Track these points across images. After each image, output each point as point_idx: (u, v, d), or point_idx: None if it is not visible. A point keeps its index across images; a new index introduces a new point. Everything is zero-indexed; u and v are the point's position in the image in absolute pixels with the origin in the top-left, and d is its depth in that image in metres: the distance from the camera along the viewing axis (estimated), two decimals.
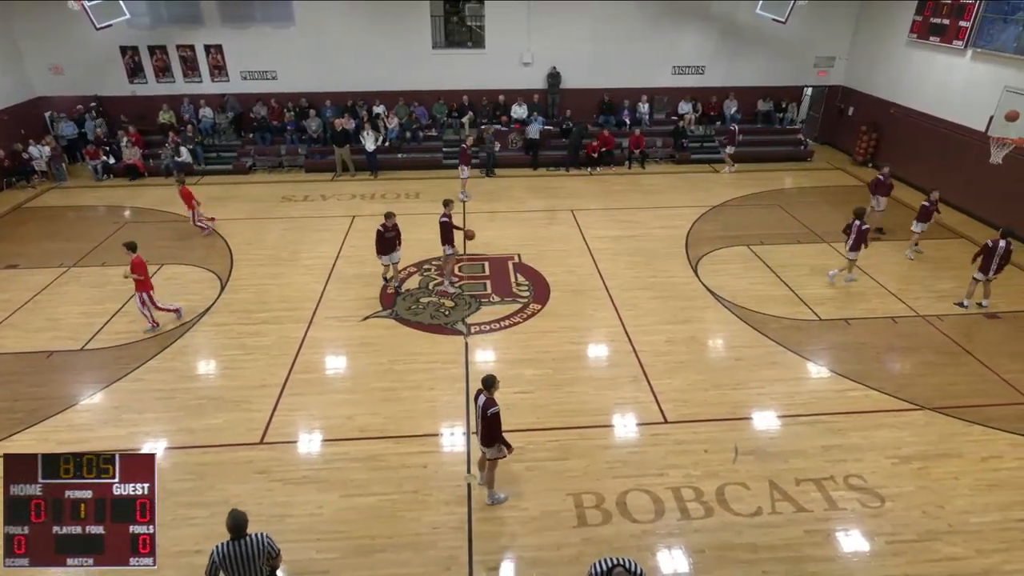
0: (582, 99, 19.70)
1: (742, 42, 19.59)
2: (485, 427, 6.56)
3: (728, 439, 7.97)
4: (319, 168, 18.54)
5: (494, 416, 6.49)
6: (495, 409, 6.49)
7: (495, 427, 6.56)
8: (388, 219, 11.29)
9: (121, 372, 9.35)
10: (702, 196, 16.65)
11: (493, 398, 6.54)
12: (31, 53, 18.11)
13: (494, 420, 6.51)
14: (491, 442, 6.65)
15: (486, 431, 6.58)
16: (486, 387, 6.55)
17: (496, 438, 6.63)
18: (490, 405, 6.48)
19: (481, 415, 6.53)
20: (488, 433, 6.59)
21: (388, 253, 11.45)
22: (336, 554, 6.37)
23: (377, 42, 18.68)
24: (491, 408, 6.48)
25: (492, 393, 6.55)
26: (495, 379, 6.59)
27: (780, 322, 10.67)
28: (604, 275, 12.29)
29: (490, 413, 6.46)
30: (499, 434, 6.63)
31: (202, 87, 19.13)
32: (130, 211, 15.77)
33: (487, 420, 6.49)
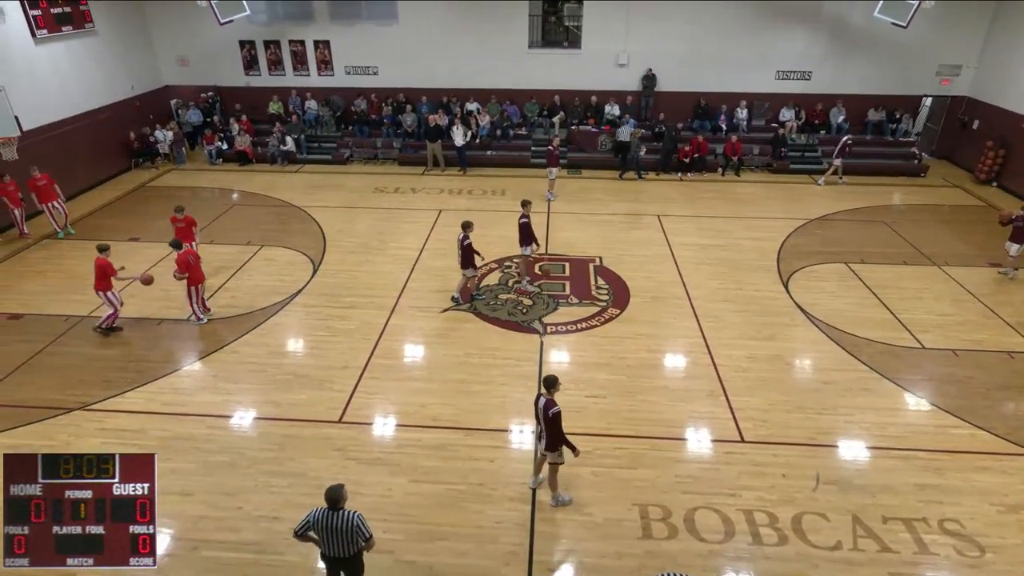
0: (677, 102, 19.21)
1: (855, 46, 18.43)
2: (549, 429, 6.53)
3: (809, 466, 7.55)
4: (411, 162, 19.13)
5: (556, 416, 6.43)
6: (556, 409, 6.44)
7: (558, 427, 6.51)
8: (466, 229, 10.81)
9: (220, 343, 10.06)
10: (799, 208, 15.82)
11: (553, 399, 6.49)
12: (162, 45, 19.80)
13: (556, 420, 6.45)
14: (555, 445, 6.60)
15: (550, 433, 6.54)
16: (547, 387, 6.50)
17: (559, 439, 6.58)
18: (551, 406, 6.44)
19: (543, 416, 6.50)
20: (552, 435, 6.55)
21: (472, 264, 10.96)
22: (401, 536, 6.57)
23: (474, 40, 19.02)
24: (552, 408, 6.42)
25: (552, 394, 6.50)
26: (556, 380, 6.53)
27: (876, 347, 9.98)
28: (687, 284, 11.95)
29: (552, 413, 6.41)
30: (562, 435, 6.57)
31: (309, 80, 20.21)
32: (238, 194, 16.92)
33: (549, 421, 6.45)
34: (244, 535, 6.64)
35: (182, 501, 7.07)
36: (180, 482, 7.32)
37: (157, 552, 6.36)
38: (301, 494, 7.09)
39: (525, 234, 11.41)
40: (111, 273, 9.95)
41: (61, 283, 11.99)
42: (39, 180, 13.51)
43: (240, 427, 8.32)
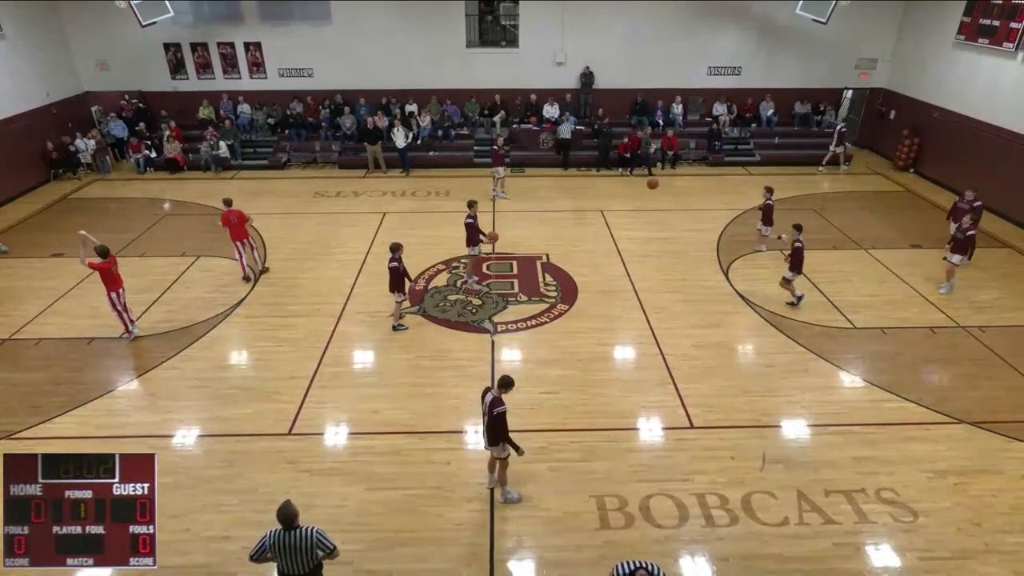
0: (615, 99, 19.57)
1: (780, 43, 19.23)
2: (490, 426, 6.54)
3: (756, 447, 7.84)
4: (352, 165, 18.79)
5: (500, 415, 6.46)
6: (502, 408, 6.46)
7: (501, 426, 6.52)
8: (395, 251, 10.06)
9: (158, 360, 9.62)
10: (735, 199, 16.39)
11: (501, 397, 6.50)
12: (79, 49, 18.73)
13: (500, 419, 6.47)
14: (496, 441, 6.63)
15: (491, 430, 6.57)
16: (501, 386, 6.51)
17: (501, 437, 6.60)
18: (497, 404, 6.45)
19: (487, 413, 6.51)
20: (493, 432, 6.57)
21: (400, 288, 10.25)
22: (360, 546, 6.45)
23: (411, 41, 18.84)
24: (498, 407, 6.44)
25: (502, 393, 6.51)
26: (512, 383, 6.56)
27: (812, 329, 10.45)
28: (633, 277, 12.19)
29: (496, 412, 6.43)
30: (505, 434, 6.59)
31: (241, 83, 19.54)
32: (169, 203, 16.20)
33: (493, 419, 6.47)
34: (193, 558, 6.38)
35: None
36: None
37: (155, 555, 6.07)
38: (253, 511, 6.86)
39: (471, 234, 11.39)
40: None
41: None
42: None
43: (183, 446, 7.97)
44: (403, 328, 10.37)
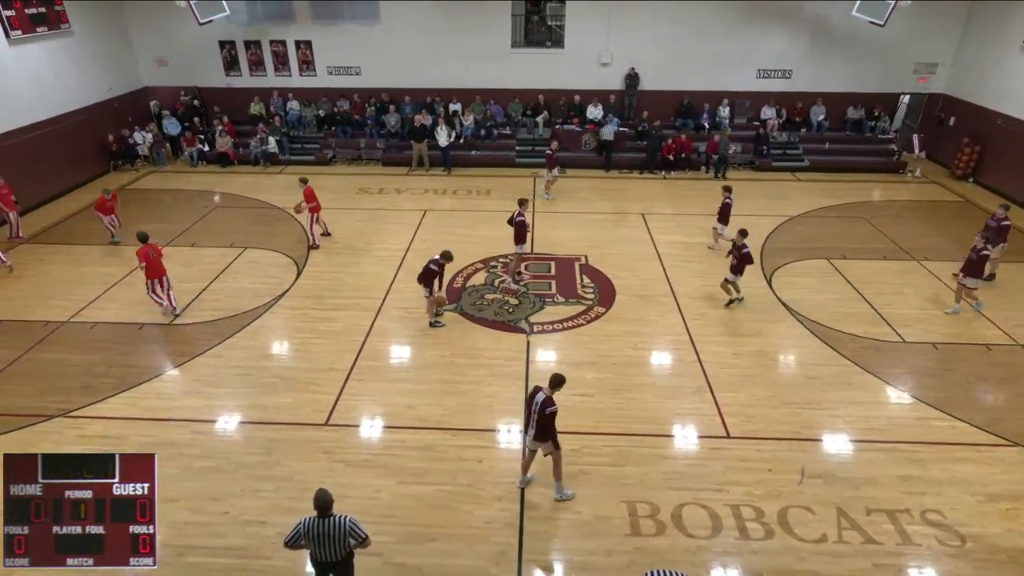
0: (660, 101, 19.33)
1: (834, 45, 18.66)
2: (540, 425, 6.56)
3: (794, 460, 7.64)
4: (395, 162, 19.04)
5: (551, 415, 6.49)
6: (554, 408, 6.49)
7: (550, 426, 6.56)
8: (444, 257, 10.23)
9: (204, 347, 9.94)
10: (781, 205, 15.99)
11: (553, 397, 6.53)
12: (140, 46, 19.50)
13: (550, 419, 6.51)
14: (545, 438, 6.66)
15: (540, 429, 6.59)
16: (552, 385, 6.54)
17: (548, 436, 6.63)
18: (549, 404, 6.48)
19: (538, 411, 6.52)
20: (542, 430, 6.60)
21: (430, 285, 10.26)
22: (390, 538, 6.53)
23: (457, 40, 18.98)
24: (550, 407, 6.47)
25: (553, 392, 6.54)
26: (564, 381, 6.58)
27: (859, 341, 10.11)
28: (672, 281, 12.02)
29: (548, 411, 6.46)
30: (552, 433, 6.62)
31: (291, 81, 20.03)
32: (219, 196, 16.72)
33: (544, 417, 6.49)
34: (230, 540, 6.57)
35: (166, 507, 6.94)
36: (164, 488, 7.12)
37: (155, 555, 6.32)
38: (288, 498, 7.02)
39: (520, 232, 11.37)
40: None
41: (39, 288, 11.77)
42: (4, 188, 13.47)
43: (225, 431, 8.22)
44: (440, 325, 10.45)
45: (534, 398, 6.64)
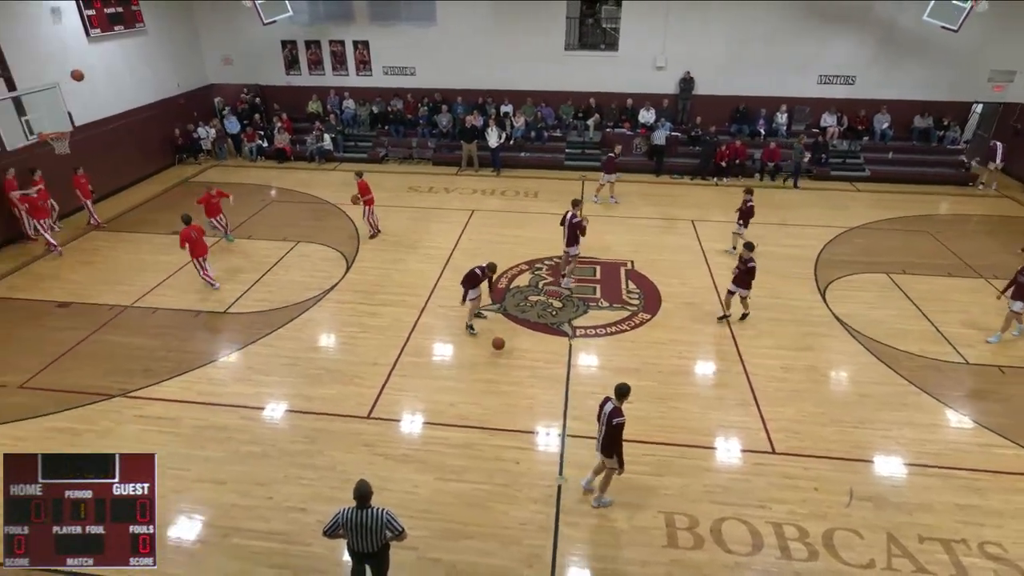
0: (715, 106, 18.94)
1: (902, 51, 17.89)
2: (608, 435, 6.47)
3: (843, 480, 7.36)
4: (446, 162, 19.27)
5: (619, 426, 6.38)
6: (621, 419, 6.38)
7: (617, 437, 6.44)
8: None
9: (255, 336, 10.28)
10: (839, 216, 15.44)
11: (621, 408, 6.43)
12: (208, 45, 20.35)
13: (618, 430, 6.39)
14: (612, 452, 6.54)
15: (608, 440, 6.49)
16: (618, 395, 6.47)
17: (615, 449, 6.51)
18: (617, 414, 6.38)
19: (606, 422, 6.45)
20: (609, 442, 6.49)
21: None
22: (426, 533, 6.61)
23: (511, 42, 19.06)
24: (617, 417, 6.37)
25: (622, 403, 6.46)
26: (628, 389, 6.51)
27: (917, 360, 9.67)
28: (720, 290, 11.75)
29: (615, 423, 6.36)
30: (619, 446, 6.50)
31: (347, 80, 20.52)
32: (275, 191, 17.26)
33: (611, 428, 6.40)
34: (273, 525, 6.78)
35: (215, 489, 7.25)
36: (213, 470, 7.51)
37: (187, 539, 6.58)
38: (329, 487, 7.20)
39: (573, 233, 11.33)
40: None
41: (106, 274, 12.42)
42: (82, 178, 14.24)
43: (272, 419, 8.48)
44: (473, 333, 10.28)
45: (603, 408, 6.56)
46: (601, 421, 6.56)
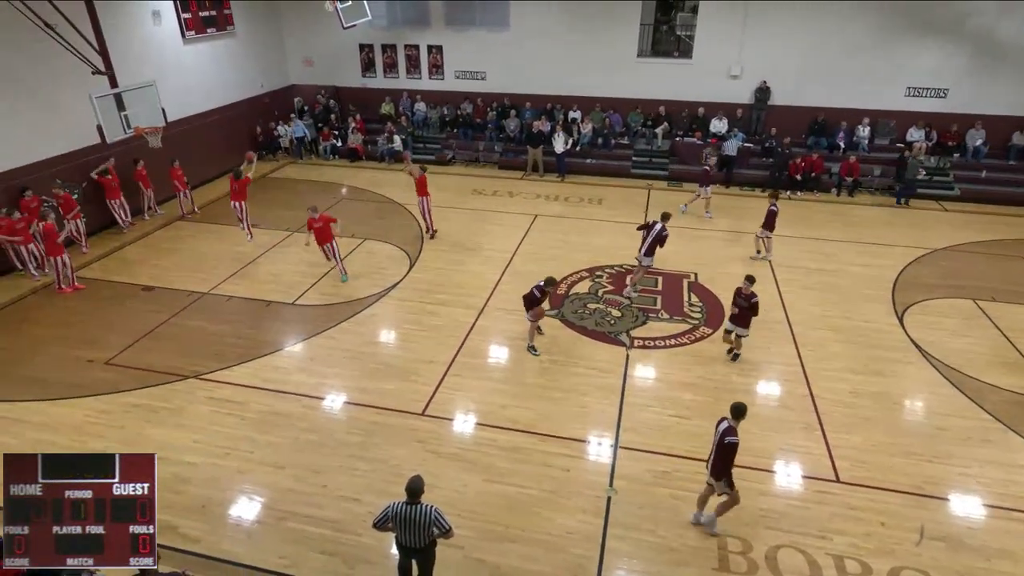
0: (791, 117, 18.25)
1: (1000, 62, 16.70)
2: (719, 456, 6.31)
3: (913, 516, 6.92)
4: (511, 166, 19.40)
5: (731, 446, 6.20)
6: (735, 439, 6.19)
7: (729, 458, 6.28)
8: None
9: (319, 328, 10.65)
10: (922, 236, 14.57)
11: (736, 428, 6.25)
12: (291, 47, 21.31)
13: (730, 450, 6.22)
14: (721, 474, 6.37)
15: (719, 460, 6.33)
16: (734, 414, 6.29)
17: (725, 471, 6.34)
18: (730, 433, 6.20)
19: (718, 442, 6.30)
20: (720, 463, 6.33)
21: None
22: (472, 533, 6.65)
23: (583, 48, 19.00)
24: (730, 437, 6.19)
25: (738, 423, 6.28)
26: (746, 409, 6.32)
27: (1004, 394, 8.99)
28: (787, 308, 11.32)
29: (728, 441, 6.19)
30: (729, 467, 6.32)
31: (420, 83, 21.01)
32: (347, 189, 17.84)
33: (723, 448, 6.24)
34: (326, 512, 6.98)
35: (275, 473, 7.54)
36: (274, 455, 7.81)
37: (247, 519, 6.87)
38: (381, 480, 7.36)
39: (655, 245, 11.26)
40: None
41: (187, 261, 13.17)
42: (177, 170, 15.25)
43: (331, 409, 8.76)
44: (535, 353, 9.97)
45: (717, 427, 6.41)
46: (714, 441, 6.37)
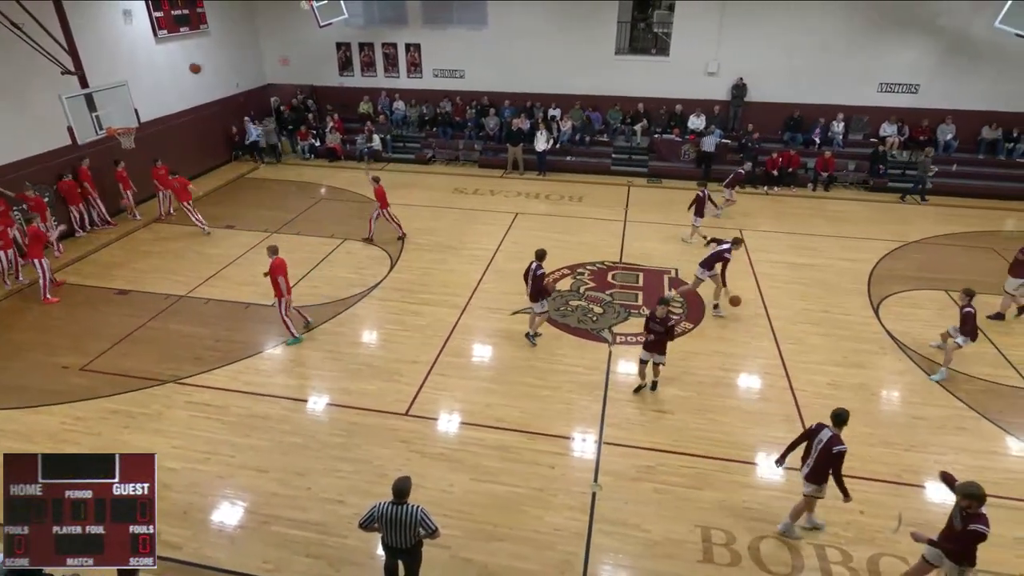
0: (767, 114, 18.47)
1: (971, 59, 17.09)
2: (823, 463, 6.22)
3: (892, 505, 7.05)
4: (492, 164, 19.37)
5: (840, 455, 6.13)
6: (843, 448, 6.12)
7: (837, 466, 6.18)
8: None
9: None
10: (898, 229, 14.85)
11: (840, 435, 6.18)
12: (267, 46, 21.04)
13: (838, 459, 6.15)
14: (821, 479, 6.31)
15: (822, 468, 6.24)
16: (838, 422, 6.23)
17: (826, 478, 6.27)
18: (837, 442, 6.12)
19: (823, 450, 6.21)
20: (822, 470, 6.24)
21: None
22: (459, 533, 6.64)
23: (561, 46, 19.04)
24: (838, 446, 6.11)
25: (841, 429, 6.22)
26: (848, 415, 6.27)
27: (977, 384, 9.20)
28: (768, 302, 11.46)
29: (836, 451, 6.11)
30: (838, 475, 6.22)
31: (399, 82, 20.88)
32: (325, 189, 17.68)
33: (830, 457, 6.15)
34: (311, 515, 6.92)
35: (257, 476, 7.45)
36: (256, 458, 7.72)
37: (229, 524, 6.78)
38: (366, 481, 7.31)
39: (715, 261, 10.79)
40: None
41: (164, 264, 12.95)
42: (160, 170, 14.91)
43: (313, 411, 8.68)
44: (533, 341, 10.14)
45: (817, 435, 6.31)
46: (814, 448, 6.30)
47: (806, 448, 6.43)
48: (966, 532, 5.21)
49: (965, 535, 5.21)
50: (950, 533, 5.36)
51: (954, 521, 5.35)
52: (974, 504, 5.17)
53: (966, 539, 5.22)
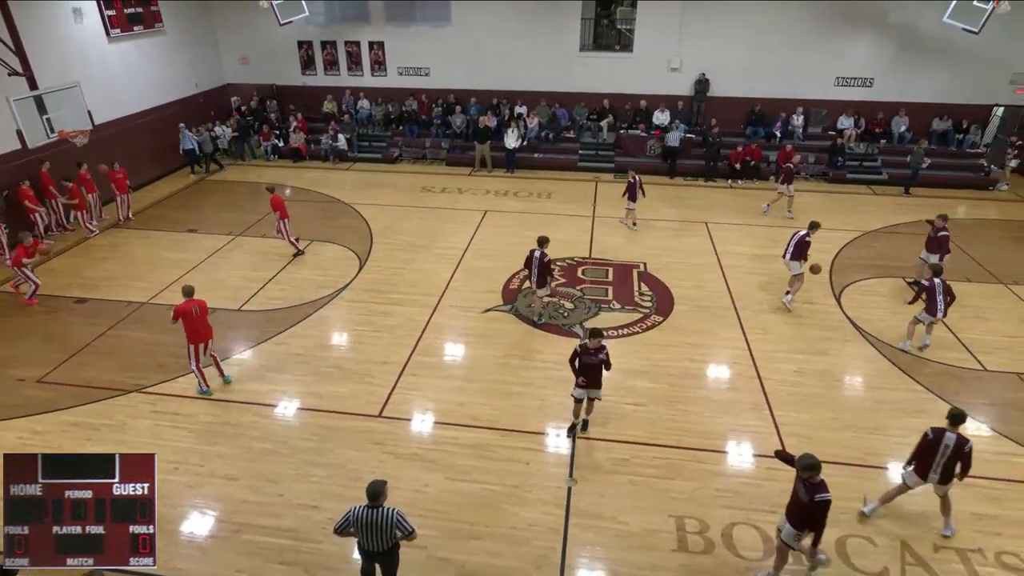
0: (730, 108, 18.82)
1: (922, 54, 17.68)
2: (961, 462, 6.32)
3: (856, 487, 7.25)
4: (459, 162, 19.31)
5: (971, 451, 6.26)
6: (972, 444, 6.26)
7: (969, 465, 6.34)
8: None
9: (268, 334, 10.35)
10: (856, 219, 15.27)
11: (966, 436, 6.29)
12: (225, 45, 20.58)
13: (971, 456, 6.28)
14: (948, 478, 6.43)
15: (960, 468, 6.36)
16: (956, 422, 6.30)
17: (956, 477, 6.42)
18: (966, 441, 6.25)
19: (956, 451, 6.27)
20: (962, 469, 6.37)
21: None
22: (435, 532, 6.62)
23: (526, 43, 19.08)
24: (968, 444, 6.24)
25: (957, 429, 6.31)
26: (966, 416, 6.39)
27: (934, 367, 9.54)
28: (734, 294, 11.68)
29: (968, 448, 6.23)
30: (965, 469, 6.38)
31: (363, 80, 20.64)
32: (290, 190, 17.38)
33: (964, 456, 6.28)
34: (284, 521, 6.82)
35: (227, 485, 7.31)
36: (226, 467, 7.57)
37: (200, 534, 6.64)
38: (339, 485, 7.23)
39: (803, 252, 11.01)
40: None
41: (124, 270, 12.57)
42: (118, 173, 14.50)
43: (284, 416, 8.54)
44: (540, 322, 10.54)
45: (941, 440, 6.33)
46: (940, 452, 6.35)
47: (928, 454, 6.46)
48: (814, 503, 5.55)
49: (814, 506, 5.56)
50: (799, 505, 5.72)
51: (799, 494, 5.69)
52: (814, 474, 5.55)
53: (816, 509, 5.57)
